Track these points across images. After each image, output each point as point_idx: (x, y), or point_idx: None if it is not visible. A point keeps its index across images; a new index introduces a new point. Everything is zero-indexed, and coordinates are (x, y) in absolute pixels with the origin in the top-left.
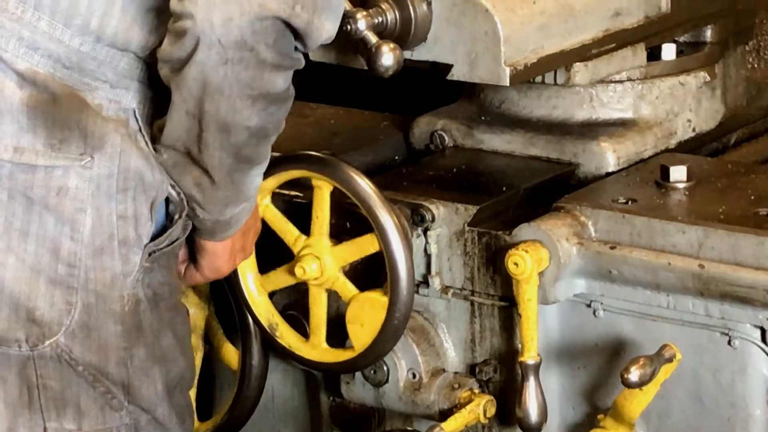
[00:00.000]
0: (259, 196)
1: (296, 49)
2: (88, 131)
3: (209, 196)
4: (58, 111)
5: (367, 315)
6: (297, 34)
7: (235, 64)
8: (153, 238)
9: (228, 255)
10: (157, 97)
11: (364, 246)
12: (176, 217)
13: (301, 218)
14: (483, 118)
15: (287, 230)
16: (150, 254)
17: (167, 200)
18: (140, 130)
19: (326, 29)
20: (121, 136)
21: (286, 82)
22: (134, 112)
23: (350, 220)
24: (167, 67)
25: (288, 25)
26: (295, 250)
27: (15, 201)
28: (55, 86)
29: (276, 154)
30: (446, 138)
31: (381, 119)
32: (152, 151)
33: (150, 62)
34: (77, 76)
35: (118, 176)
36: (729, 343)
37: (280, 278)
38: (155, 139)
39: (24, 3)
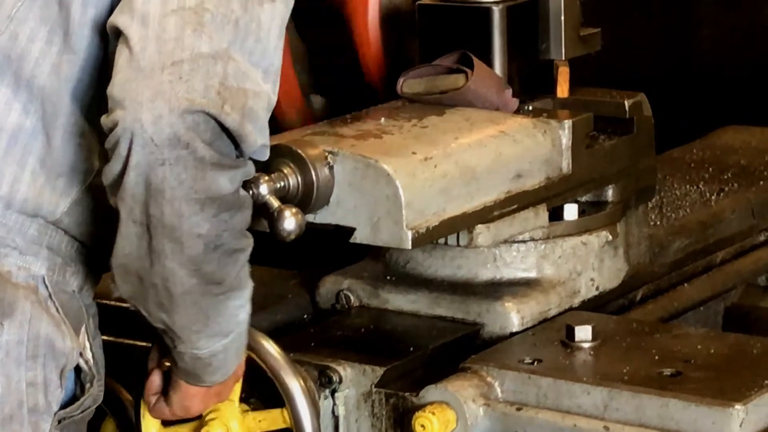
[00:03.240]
0: None
1: (238, 155)
2: None
3: (174, 319)
4: None
5: None
6: (231, 136)
7: (173, 164)
8: (63, 406)
9: (201, 396)
10: (66, 263)
11: (276, 419)
12: (87, 386)
13: None
14: (388, 277)
15: None
16: (60, 421)
17: (78, 368)
18: (50, 296)
19: (254, 138)
20: (31, 303)
21: (232, 184)
22: (43, 278)
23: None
24: (110, 189)
25: (221, 125)
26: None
27: None
28: None
29: None
30: (352, 298)
31: (289, 277)
32: (63, 318)
33: (60, 228)
34: None
35: (28, 343)
36: None
37: None
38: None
39: None
